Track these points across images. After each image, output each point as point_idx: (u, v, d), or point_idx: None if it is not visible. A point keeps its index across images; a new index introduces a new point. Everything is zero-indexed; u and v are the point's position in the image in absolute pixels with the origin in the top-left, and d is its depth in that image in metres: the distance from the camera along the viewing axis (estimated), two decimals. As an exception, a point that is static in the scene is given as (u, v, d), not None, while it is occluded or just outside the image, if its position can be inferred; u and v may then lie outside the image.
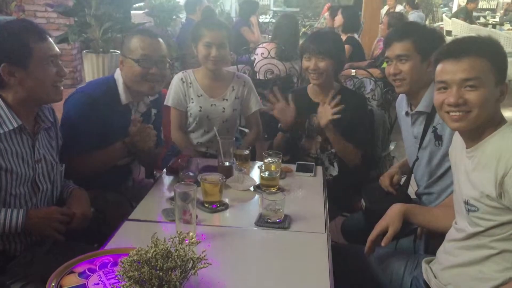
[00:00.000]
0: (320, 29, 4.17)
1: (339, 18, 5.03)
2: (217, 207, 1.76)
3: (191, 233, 1.46)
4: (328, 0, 10.07)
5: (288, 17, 4.39)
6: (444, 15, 11.47)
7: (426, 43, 1.88)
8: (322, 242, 1.56)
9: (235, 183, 1.94)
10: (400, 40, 1.92)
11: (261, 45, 4.03)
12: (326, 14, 6.51)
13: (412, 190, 2.12)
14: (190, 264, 1.14)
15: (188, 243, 1.18)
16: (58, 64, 1.63)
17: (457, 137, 1.53)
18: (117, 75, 2.05)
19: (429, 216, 1.68)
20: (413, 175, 2.07)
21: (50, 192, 1.71)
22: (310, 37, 2.42)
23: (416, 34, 1.92)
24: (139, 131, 1.96)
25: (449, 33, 9.39)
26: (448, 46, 1.46)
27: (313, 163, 2.23)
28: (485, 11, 13.20)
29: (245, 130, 2.85)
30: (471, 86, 1.36)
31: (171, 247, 1.15)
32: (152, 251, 1.11)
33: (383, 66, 3.71)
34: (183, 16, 6.48)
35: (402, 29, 2.02)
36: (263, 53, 3.83)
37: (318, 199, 1.90)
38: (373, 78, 3.23)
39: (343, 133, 2.28)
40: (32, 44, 1.54)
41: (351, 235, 2.19)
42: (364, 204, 2.03)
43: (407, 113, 2.03)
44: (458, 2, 12.24)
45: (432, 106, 1.80)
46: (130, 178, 2.26)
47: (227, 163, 2.03)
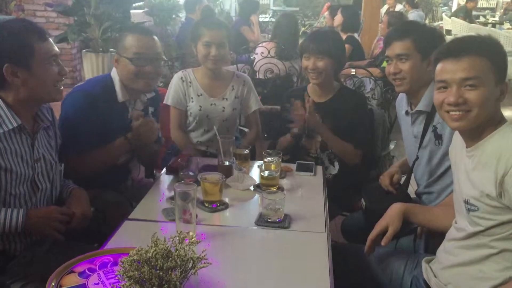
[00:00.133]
0: (320, 29, 4.16)
1: (339, 18, 5.03)
2: (217, 207, 1.76)
3: (191, 233, 1.46)
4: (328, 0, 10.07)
5: (288, 16, 4.38)
6: (444, 14, 11.47)
7: (426, 42, 1.88)
8: (322, 242, 1.56)
9: (235, 183, 1.94)
10: (401, 39, 1.91)
11: (261, 45, 4.02)
12: (326, 13, 6.51)
13: (412, 190, 2.12)
14: (190, 264, 1.14)
15: (188, 243, 1.18)
16: (59, 64, 1.63)
17: (457, 137, 1.53)
18: (114, 73, 2.05)
19: (429, 216, 1.68)
20: (413, 175, 2.07)
21: (50, 192, 1.71)
22: (310, 37, 2.42)
23: (417, 33, 1.92)
24: (142, 124, 1.96)
25: (449, 32, 9.40)
26: (448, 46, 1.45)
27: (313, 163, 2.23)
28: (485, 10, 13.22)
29: (245, 130, 2.85)
30: (471, 86, 1.35)
31: (171, 247, 1.15)
32: (152, 251, 1.11)
33: (383, 65, 3.71)
34: (183, 15, 6.48)
35: (403, 28, 2.02)
36: (263, 53, 3.83)
37: (318, 199, 1.90)
38: (373, 77, 3.22)
39: (343, 133, 2.28)
40: (34, 44, 1.54)
41: (351, 235, 2.19)
42: (364, 204, 2.03)
43: (407, 112, 2.03)
44: (458, 1, 12.24)
45: (432, 105, 1.80)
46: (130, 178, 2.26)
47: (227, 163, 2.02)
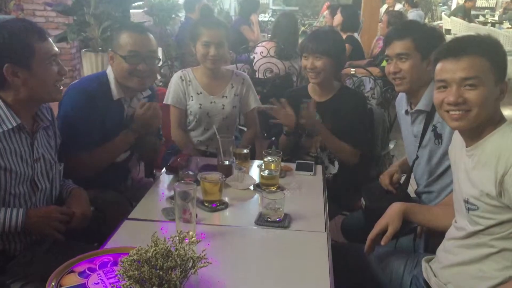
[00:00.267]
0: (320, 28, 4.16)
1: (339, 17, 5.03)
2: (217, 206, 1.75)
3: (191, 232, 1.46)
4: (327, -1, 10.06)
5: (288, 16, 4.38)
6: (443, 14, 11.47)
7: (426, 42, 1.88)
8: (322, 241, 1.56)
9: (235, 182, 1.94)
10: (400, 39, 1.91)
11: (261, 44, 4.02)
12: (326, 13, 6.50)
13: (412, 189, 2.12)
14: (190, 263, 1.14)
15: (188, 242, 1.18)
16: (59, 63, 1.63)
17: (457, 136, 1.53)
18: (109, 71, 2.05)
19: (429, 215, 1.68)
20: (413, 174, 2.07)
21: (49, 191, 1.71)
22: (309, 36, 2.42)
23: (416, 33, 1.92)
24: (147, 108, 1.98)
25: (448, 32, 9.39)
26: (448, 45, 1.45)
27: (313, 162, 2.23)
28: (484, 10, 13.21)
29: (245, 129, 2.85)
30: (471, 85, 1.35)
31: (171, 246, 1.15)
32: (152, 251, 1.11)
33: (383, 65, 3.71)
34: (182, 15, 6.47)
35: (402, 28, 2.02)
36: (263, 52, 3.83)
37: (318, 198, 1.90)
38: (373, 77, 3.23)
39: (343, 132, 2.28)
40: (34, 44, 1.54)
41: (351, 234, 2.19)
42: (364, 203, 2.03)
43: (407, 112, 2.03)
44: (457, 1, 12.23)
45: (432, 105, 1.80)
46: (130, 177, 2.26)
47: (227, 162, 2.02)
